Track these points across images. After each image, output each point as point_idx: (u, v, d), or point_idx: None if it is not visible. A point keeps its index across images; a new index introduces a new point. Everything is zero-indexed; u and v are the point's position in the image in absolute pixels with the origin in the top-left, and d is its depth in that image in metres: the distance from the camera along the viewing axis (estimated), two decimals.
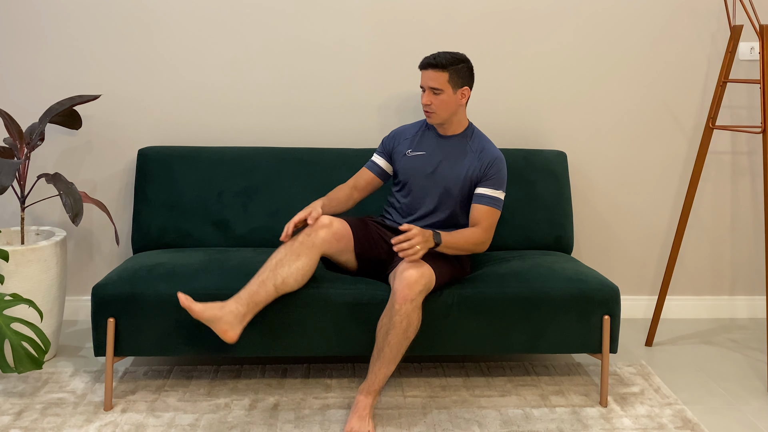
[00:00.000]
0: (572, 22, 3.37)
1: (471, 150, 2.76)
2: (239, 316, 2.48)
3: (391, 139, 2.90)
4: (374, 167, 2.90)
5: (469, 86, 2.74)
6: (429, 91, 2.70)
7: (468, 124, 2.82)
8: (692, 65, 3.44)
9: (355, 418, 2.48)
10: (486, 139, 2.81)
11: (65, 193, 2.81)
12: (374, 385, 2.51)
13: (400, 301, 2.45)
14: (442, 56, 2.68)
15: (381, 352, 2.49)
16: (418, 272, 2.47)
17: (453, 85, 2.69)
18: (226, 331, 2.46)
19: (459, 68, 2.69)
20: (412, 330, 2.49)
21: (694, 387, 2.89)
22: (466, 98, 2.74)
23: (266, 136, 3.35)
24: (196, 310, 2.42)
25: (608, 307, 2.69)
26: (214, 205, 3.13)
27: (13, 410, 2.60)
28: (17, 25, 3.24)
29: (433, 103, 2.70)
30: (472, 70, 2.76)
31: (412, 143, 2.84)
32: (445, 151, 2.78)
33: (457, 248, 2.64)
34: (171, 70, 3.30)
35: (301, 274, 2.56)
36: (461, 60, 2.71)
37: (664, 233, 3.56)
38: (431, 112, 2.72)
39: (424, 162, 2.79)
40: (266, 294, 2.52)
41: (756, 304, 3.64)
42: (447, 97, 2.69)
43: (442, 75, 2.67)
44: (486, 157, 2.73)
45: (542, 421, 2.58)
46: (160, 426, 2.51)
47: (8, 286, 2.82)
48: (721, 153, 3.52)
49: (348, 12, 3.30)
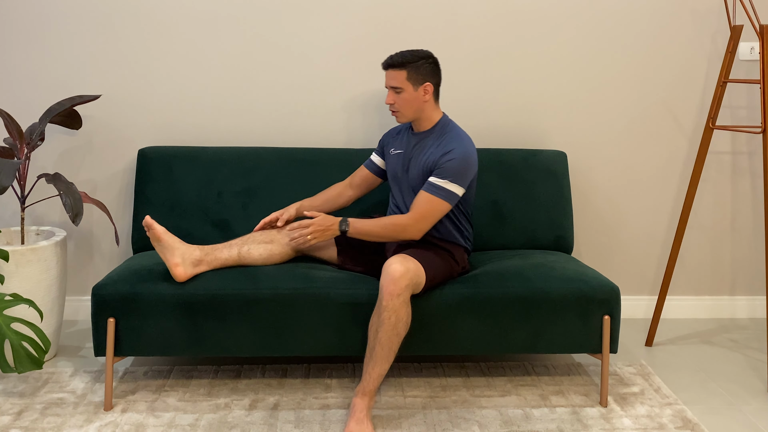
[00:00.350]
0: (572, 22, 3.37)
1: (436, 144, 2.70)
2: (194, 259, 2.61)
3: (385, 136, 2.93)
4: (370, 164, 2.94)
5: (431, 82, 2.69)
6: (391, 90, 2.70)
7: (439, 119, 2.77)
8: (692, 65, 3.44)
9: (353, 421, 2.47)
10: (456, 133, 2.72)
11: (65, 193, 2.81)
12: (369, 385, 2.50)
13: (387, 298, 2.45)
14: (400, 54, 2.68)
15: (373, 351, 2.48)
16: (402, 267, 2.47)
17: (413, 83, 2.67)
18: (177, 265, 2.57)
19: (418, 65, 2.66)
20: (402, 325, 2.47)
21: (694, 387, 2.89)
22: (429, 94, 2.70)
23: (266, 137, 3.35)
24: (157, 230, 2.55)
25: (608, 307, 2.69)
26: (214, 205, 3.13)
27: (13, 410, 2.60)
28: (17, 25, 3.24)
29: (396, 102, 2.70)
30: (437, 65, 2.72)
31: (395, 141, 2.86)
32: (415, 148, 2.76)
33: (374, 235, 2.65)
34: (171, 70, 3.30)
35: (268, 254, 2.74)
36: (421, 57, 2.68)
37: (664, 233, 3.56)
38: (396, 111, 2.73)
39: (399, 161, 2.80)
40: (228, 255, 2.69)
41: (756, 304, 3.64)
42: (408, 95, 2.68)
43: (400, 73, 2.66)
44: (444, 148, 2.66)
45: (542, 421, 2.58)
46: (160, 426, 2.51)
47: (8, 286, 2.82)
48: (721, 153, 3.52)
49: (348, 12, 3.30)
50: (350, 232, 2.64)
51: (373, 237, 2.66)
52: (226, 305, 2.61)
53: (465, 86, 3.38)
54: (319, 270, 2.76)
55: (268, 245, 2.77)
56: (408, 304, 2.49)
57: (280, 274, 2.69)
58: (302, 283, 2.66)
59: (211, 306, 2.61)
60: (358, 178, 2.94)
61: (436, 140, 2.71)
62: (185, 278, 2.59)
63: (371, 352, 2.49)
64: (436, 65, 2.73)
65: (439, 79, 2.74)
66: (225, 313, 2.61)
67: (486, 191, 3.18)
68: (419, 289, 2.57)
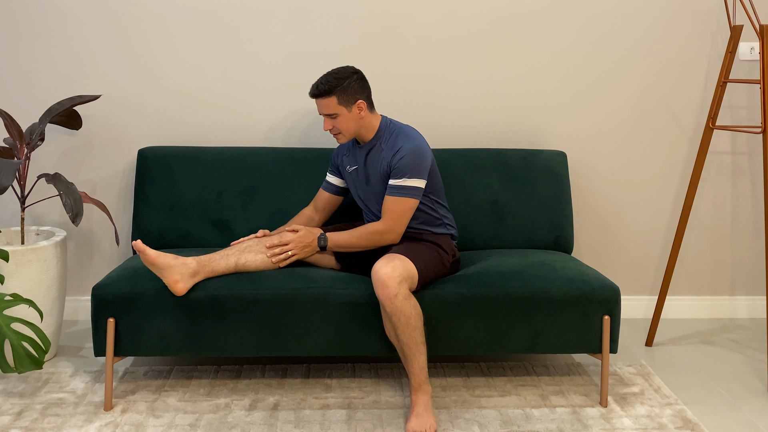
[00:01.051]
0: (572, 23, 3.37)
1: (386, 149, 2.73)
2: (191, 271, 2.59)
3: (336, 155, 2.93)
4: (327, 186, 2.96)
5: (362, 98, 2.69)
6: (326, 117, 2.70)
7: (379, 125, 2.77)
8: (692, 65, 3.43)
9: (413, 416, 2.51)
10: (400, 131, 2.74)
11: (65, 193, 2.81)
12: (417, 379, 2.53)
13: (386, 302, 2.47)
14: (324, 83, 2.64)
15: (403, 352, 2.54)
16: (388, 267, 2.49)
17: (345, 105, 2.66)
18: (176, 282, 2.55)
19: (345, 86, 2.65)
20: (415, 318, 2.49)
21: (694, 387, 2.89)
22: (364, 110, 2.70)
23: (266, 136, 3.35)
24: (150, 255, 2.52)
25: (608, 307, 2.69)
26: (214, 205, 3.13)
27: (13, 410, 2.60)
28: (17, 25, 3.24)
29: (335, 126, 2.70)
30: (363, 78, 2.71)
31: (348, 158, 2.86)
32: (367, 160, 2.78)
33: (353, 245, 2.72)
34: (171, 70, 3.30)
35: (264, 265, 2.70)
36: (345, 77, 2.66)
37: (664, 233, 3.56)
38: (337, 134, 2.73)
39: (357, 176, 2.82)
40: (225, 266, 2.66)
41: (756, 304, 3.64)
42: (344, 117, 2.68)
43: (330, 100, 2.65)
44: (392, 149, 2.69)
45: (542, 421, 2.58)
46: (160, 426, 2.51)
47: (8, 286, 2.82)
48: (721, 153, 3.52)
49: (348, 12, 3.30)
50: (329, 246, 2.72)
51: (352, 248, 2.73)
52: (226, 305, 2.61)
53: (465, 86, 3.38)
54: (318, 270, 2.76)
55: (265, 255, 2.71)
56: (409, 298, 2.50)
57: (279, 274, 2.69)
58: (302, 283, 2.66)
59: (211, 306, 2.61)
60: (321, 202, 2.97)
61: (383, 145, 2.74)
62: (185, 292, 2.58)
63: (402, 353, 2.54)
64: (363, 79, 2.71)
65: (369, 91, 2.73)
66: (225, 314, 2.61)
67: (486, 191, 3.18)
68: (415, 283, 2.57)
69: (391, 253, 2.61)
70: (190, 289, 2.60)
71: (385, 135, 2.75)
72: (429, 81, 3.36)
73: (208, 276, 2.64)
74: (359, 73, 2.72)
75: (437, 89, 3.37)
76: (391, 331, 2.52)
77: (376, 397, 2.72)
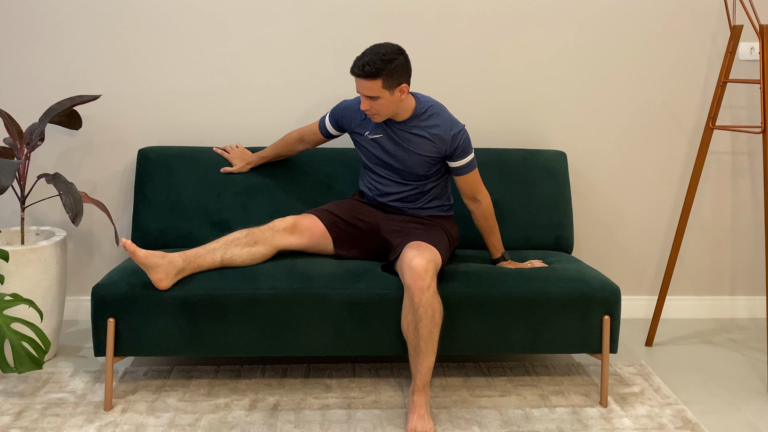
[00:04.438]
0: (572, 22, 3.37)
1: (426, 129, 2.75)
2: (177, 269, 2.61)
3: (345, 113, 2.91)
4: (324, 130, 3.01)
5: (406, 81, 2.64)
6: (365, 98, 2.64)
7: (415, 104, 2.76)
8: (692, 65, 3.44)
9: (416, 417, 2.49)
10: (438, 111, 2.78)
11: (65, 193, 2.81)
12: (423, 380, 2.52)
13: (419, 294, 2.46)
14: (371, 64, 2.56)
15: (417, 348, 2.50)
16: (424, 259, 2.49)
17: (389, 88, 2.61)
18: (161, 280, 2.58)
19: (391, 70, 2.58)
20: (438, 315, 2.50)
21: (694, 387, 2.89)
22: (405, 93, 2.66)
23: (265, 136, 3.35)
24: (140, 255, 2.54)
25: (608, 307, 2.69)
26: (214, 205, 3.13)
27: (13, 410, 2.60)
28: (17, 25, 3.24)
29: (373, 107, 2.66)
30: (407, 59, 2.65)
31: (365, 125, 2.84)
32: (400, 135, 2.78)
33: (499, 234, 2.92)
34: (171, 70, 3.30)
35: (251, 258, 2.72)
36: (392, 59, 2.58)
37: (664, 233, 3.56)
38: (373, 114, 2.71)
39: (383, 146, 2.82)
40: (211, 261, 2.67)
41: (756, 304, 3.64)
42: (385, 100, 2.64)
43: (375, 84, 2.58)
44: (445, 135, 2.74)
45: (542, 421, 2.58)
46: (160, 426, 2.51)
47: (8, 286, 2.82)
48: (721, 153, 3.52)
49: (348, 11, 3.30)
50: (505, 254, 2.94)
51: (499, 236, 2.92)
52: (226, 305, 2.61)
53: (465, 86, 3.38)
54: (318, 270, 2.75)
55: (252, 248, 2.72)
56: (437, 294, 2.51)
57: (279, 273, 2.69)
58: (301, 282, 2.66)
59: (210, 306, 2.61)
60: (310, 135, 3.03)
61: (425, 123, 2.76)
62: (169, 287, 2.61)
63: (415, 349, 2.51)
64: (407, 59, 2.65)
65: (411, 70, 2.67)
66: (225, 313, 2.61)
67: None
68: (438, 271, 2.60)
69: (418, 240, 2.63)
70: (190, 289, 2.60)
71: (424, 114, 2.77)
72: (429, 81, 3.36)
73: (194, 271, 2.65)
74: (405, 54, 2.64)
75: (437, 89, 3.37)
76: (412, 323, 2.49)
77: (376, 397, 2.72)
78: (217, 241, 2.72)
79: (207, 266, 2.67)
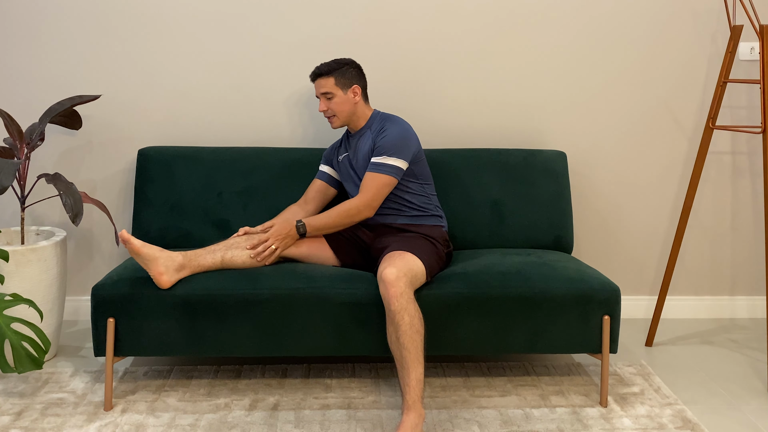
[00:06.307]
0: (572, 23, 3.37)
1: (372, 133, 2.87)
2: (177, 265, 2.60)
3: (328, 152, 3.06)
4: (322, 175, 3.04)
5: (358, 85, 2.88)
6: (322, 97, 2.87)
7: (371, 114, 2.93)
8: (692, 65, 3.44)
9: None
10: (389, 118, 2.89)
11: (65, 193, 2.81)
12: (412, 396, 2.40)
13: (392, 301, 2.45)
14: (324, 64, 2.86)
15: (402, 360, 2.44)
16: (395, 268, 2.49)
17: (342, 86, 2.85)
18: (161, 274, 2.57)
19: (343, 71, 2.85)
20: (417, 321, 2.46)
21: (694, 387, 2.89)
22: (359, 96, 2.87)
23: (266, 136, 3.35)
24: (135, 244, 2.53)
25: (608, 307, 2.69)
26: (214, 205, 3.13)
27: (13, 410, 2.60)
28: (17, 25, 3.24)
29: (329, 107, 2.86)
30: (360, 70, 2.91)
31: (339, 151, 2.99)
32: (357, 146, 2.90)
33: (332, 225, 2.77)
34: (171, 70, 3.30)
35: (251, 261, 2.71)
36: (345, 63, 2.87)
37: (664, 233, 3.56)
38: (331, 116, 2.89)
39: (347, 163, 2.93)
40: (212, 261, 2.67)
41: (756, 304, 3.64)
42: (339, 99, 2.85)
43: (328, 80, 2.84)
44: (379, 132, 2.84)
45: (542, 421, 2.58)
46: (160, 426, 2.51)
47: (8, 286, 2.82)
48: (721, 153, 3.52)
49: (348, 12, 3.30)
50: (309, 231, 2.76)
51: (331, 228, 2.78)
52: (226, 305, 2.61)
53: (465, 86, 3.38)
54: (318, 270, 2.75)
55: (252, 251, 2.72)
56: (413, 300, 2.49)
57: (279, 274, 2.69)
58: (302, 283, 2.66)
59: (210, 306, 2.61)
60: (313, 192, 3.02)
61: (371, 130, 2.88)
62: (170, 285, 2.59)
63: (401, 362, 2.44)
64: (360, 71, 2.91)
65: (365, 83, 2.92)
66: (225, 314, 2.61)
67: (486, 191, 3.18)
68: (423, 278, 2.59)
69: (393, 251, 2.62)
70: (190, 289, 2.60)
71: (375, 123, 2.89)
72: (429, 81, 3.37)
73: (195, 271, 2.65)
74: (358, 66, 2.92)
75: (437, 89, 3.38)
76: (393, 334, 2.46)
77: (376, 397, 2.72)
78: (217, 244, 2.74)
79: (208, 266, 2.67)
